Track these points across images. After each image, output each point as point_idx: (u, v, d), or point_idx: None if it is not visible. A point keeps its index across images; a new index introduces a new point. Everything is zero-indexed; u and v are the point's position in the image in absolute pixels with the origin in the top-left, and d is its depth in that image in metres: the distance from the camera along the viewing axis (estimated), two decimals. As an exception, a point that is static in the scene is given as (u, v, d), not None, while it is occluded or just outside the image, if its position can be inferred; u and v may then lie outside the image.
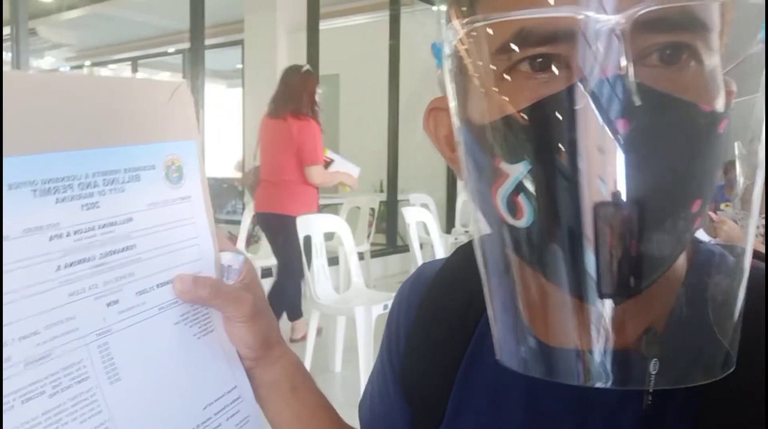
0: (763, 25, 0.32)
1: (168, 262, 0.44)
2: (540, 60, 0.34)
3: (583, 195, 0.31)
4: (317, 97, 3.20)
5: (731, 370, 0.34)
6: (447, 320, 0.47)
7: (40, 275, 0.36)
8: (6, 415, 0.33)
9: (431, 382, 0.50)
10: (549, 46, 0.34)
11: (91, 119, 0.40)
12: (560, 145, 0.32)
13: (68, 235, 0.37)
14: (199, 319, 0.45)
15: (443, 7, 0.38)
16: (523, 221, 0.35)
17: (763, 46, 0.32)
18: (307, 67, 3.39)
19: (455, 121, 0.38)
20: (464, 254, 0.52)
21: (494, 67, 0.36)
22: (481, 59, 0.36)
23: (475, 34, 0.35)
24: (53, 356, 0.36)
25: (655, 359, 0.34)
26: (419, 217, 3.82)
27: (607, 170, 0.31)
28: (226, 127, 7.57)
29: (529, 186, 0.34)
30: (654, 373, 0.34)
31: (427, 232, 3.77)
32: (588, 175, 0.31)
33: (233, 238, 4.39)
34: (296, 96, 3.16)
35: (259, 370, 0.49)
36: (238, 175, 6.97)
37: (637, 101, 0.30)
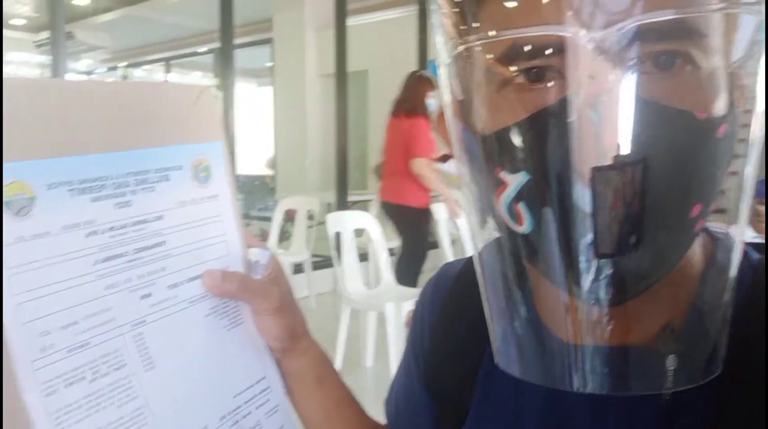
0: (764, 25, 0.31)
1: (197, 258, 0.46)
2: (535, 71, 0.34)
3: (578, 204, 0.32)
4: (429, 99, 3.50)
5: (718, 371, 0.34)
6: (469, 319, 0.47)
7: (79, 269, 0.38)
8: (51, 398, 0.36)
9: (455, 379, 0.51)
10: (542, 59, 0.34)
11: (123, 123, 0.42)
12: (554, 156, 0.33)
13: (103, 231, 0.40)
14: (228, 312, 0.47)
15: (437, 8, 0.38)
16: (524, 228, 0.36)
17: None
18: (424, 72, 3.78)
19: (453, 130, 0.39)
20: (486, 253, 0.53)
21: (491, 81, 0.36)
22: (477, 73, 0.37)
23: (470, 50, 0.36)
24: (92, 344, 0.38)
25: (670, 356, 0.34)
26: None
27: (599, 180, 0.31)
28: (257, 125, 7.65)
29: (528, 195, 0.35)
30: (671, 369, 0.34)
31: (457, 228, 3.75)
32: (581, 184, 0.32)
33: (265, 235, 4.45)
34: (411, 97, 3.54)
35: (286, 361, 0.51)
36: (270, 172, 7.04)
37: (629, 112, 0.31)
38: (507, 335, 0.39)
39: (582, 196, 0.32)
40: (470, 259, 0.55)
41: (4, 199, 0.35)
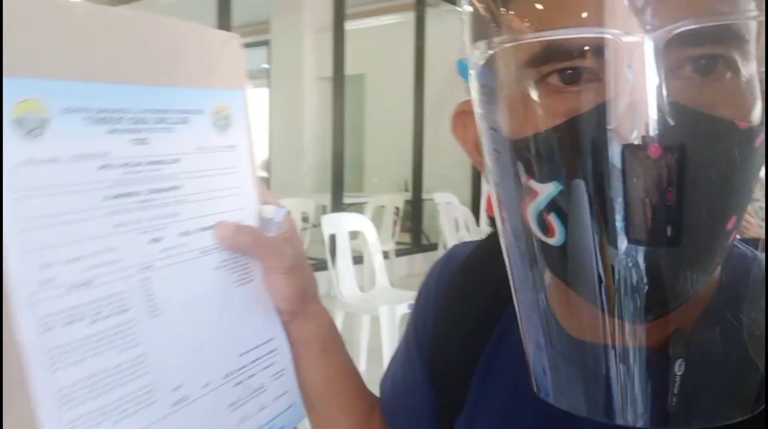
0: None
1: (211, 208, 0.44)
2: (570, 72, 0.33)
3: (614, 219, 0.31)
4: None
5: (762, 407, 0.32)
6: (475, 303, 0.47)
7: (87, 202, 0.36)
8: (46, 335, 0.33)
9: (456, 364, 0.50)
10: (578, 60, 0.33)
11: (147, 56, 0.40)
12: (589, 166, 0.31)
13: (116, 166, 0.38)
14: (238, 268, 0.45)
15: (467, 8, 0.37)
16: (555, 240, 0.34)
17: None
18: None
19: (483, 133, 0.38)
20: (497, 239, 0.52)
21: (522, 82, 0.35)
22: (509, 74, 0.36)
23: (503, 50, 0.35)
24: (95, 284, 0.36)
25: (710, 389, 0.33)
26: (455, 214, 3.80)
27: (638, 193, 0.30)
28: (251, 127, 7.63)
29: (560, 206, 0.33)
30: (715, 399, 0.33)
31: (458, 230, 3.75)
32: (618, 197, 0.30)
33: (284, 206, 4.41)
34: None
35: (293, 326, 0.49)
36: (264, 173, 7.03)
37: (671, 121, 0.29)
38: (538, 358, 0.38)
39: (620, 208, 0.30)
40: (481, 242, 0.54)
41: (15, 115, 0.33)
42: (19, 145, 0.33)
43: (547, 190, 0.33)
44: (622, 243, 0.31)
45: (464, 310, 0.51)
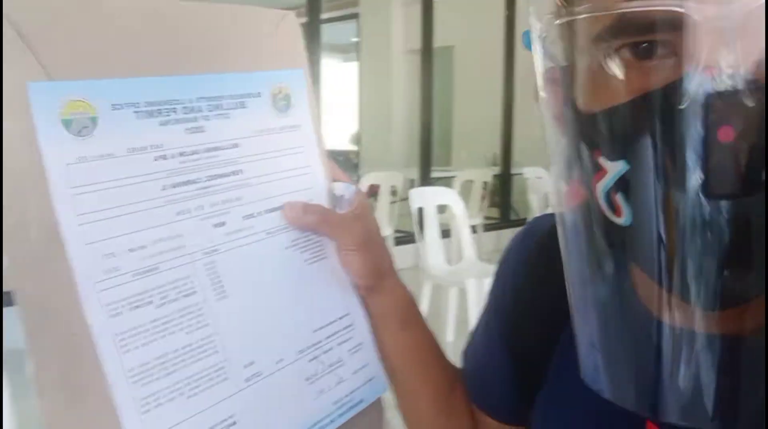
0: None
1: (278, 189, 0.44)
2: (645, 46, 0.31)
3: (687, 200, 0.29)
4: None
5: None
6: (556, 278, 0.43)
7: (146, 193, 0.37)
8: (114, 320, 0.35)
9: (535, 340, 0.49)
10: (655, 34, 0.30)
11: (197, 46, 0.40)
12: (661, 145, 0.29)
13: (173, 156, 0.38)
14: (310, 246, 0.46)
15: None
16: (623, 220, 0.33)
17: None
18: None
19: (550, 108, 0.36)
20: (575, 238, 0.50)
21: (594, 55, 0.33)
22: (579, 46, 0.34)
23: (573, 21, 0.33)
24: (160, 270, 0.37)
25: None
26: (545, 189, 3.70)
27: (714, 175, 0.28)
28: (341, 100, 7.74)
29: (628, 186, 0.32)
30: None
31: (548, 205, 3.67)
32: (693, 179, 0.28)
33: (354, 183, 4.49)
34: None
35: (369, 300, 0.50)
36: (354, 147, 7.13)
37: (750, 101, 0.27)
38: (591, 349, 0.36)
39: (692, 194, 0.28)
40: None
41: (64, 117, 0.34)
42: (70, 144, 0.34)
43: (616, 169, 0.32)
44: (688, 231, 0.29)
45: (544, 287, 0.49)
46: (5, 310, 0.35)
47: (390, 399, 0.53)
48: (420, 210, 3.14)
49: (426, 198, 3.22)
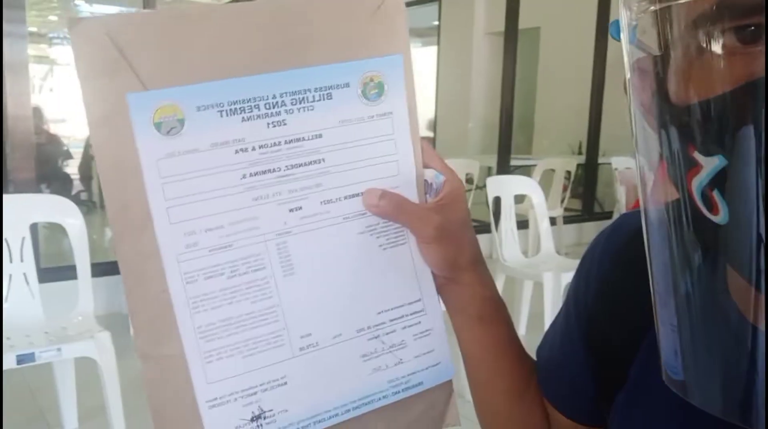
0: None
1: (361, 176, 0.46)
2: (751, 29, 0.29)
3: None
4: None
5: None
6: (642, 278, 0.42)
7: (226, 181, 0.42)
8: (190, 285, 0.42)
9: (618, 340, 0.48)
10: (759, 16, 0.29)
11: (283, 43, 0.43)
12: (760, 140, 0.28)
13: (253, 148, 0.42)
14: (388, 232, 0.48)
15: None
16: (720, 218, 0.31)
17: None
18: None
19: (641, 99, 0.35)
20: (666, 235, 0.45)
21: (691, 41, 0.31)
22: (674, 33, 0.32)
23: (667, 8, 0.32)
24: (234, 247, 0.43)
25: None
26: (636, 180, 3.51)
27: None
28: (419, 86, 7.67)
29: (725, 183, 0.30)
30: None
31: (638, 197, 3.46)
32: None
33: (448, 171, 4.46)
34: None
35: (445, 291, 0.50)
36: (430, 133, 7.04)
37: None
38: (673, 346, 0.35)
39: None
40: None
41: (155, 120, 0.40)
42: (161, 143, 0.40)
43: (713, 164, 0.30)
44: None
45: (630, 286, 0.48)
46: (113, 277, 0.42)
47: (459, 388, 0.54)
48: (497, 199, 3.05)
49: (503, 187, 3.14)
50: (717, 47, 0.30)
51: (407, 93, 0.47)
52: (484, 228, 4.41)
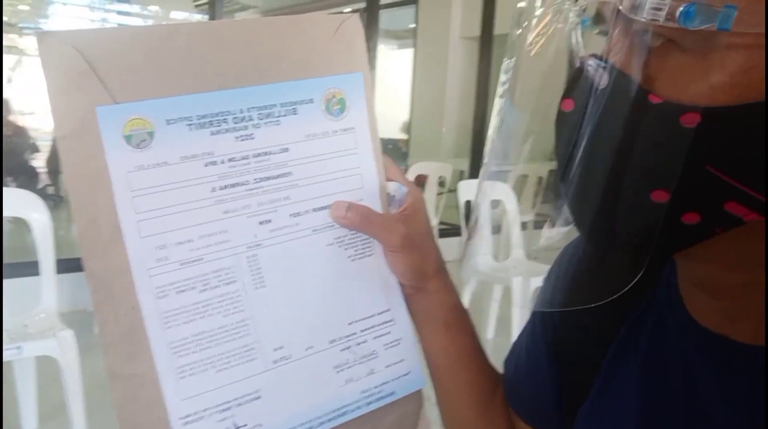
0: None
1: (327, 189, 0.47)
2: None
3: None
4: None
5: None
6: None
7: (196, 195, 0.42)
8: (162, 301, 0.41)
9: (582, 351, 0.49)
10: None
11: (249, 60, 0.44)
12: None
13: (222, 162, 0.43)
14: (356, 244, 0.48)
15: None
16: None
17: None
18: None
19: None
20: None
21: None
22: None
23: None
24: (205, 260, 0.43)
25: None
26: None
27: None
28: (394, 88, 7.67)
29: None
30: None
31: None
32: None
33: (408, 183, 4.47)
34: None
35: (413, 300, 0.51)
36: (404, 136, 7.06)
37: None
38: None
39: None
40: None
41: (125, 133, 0.40)
42: (131, 156, 0.40)
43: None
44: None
45: None
46: (79, 274, 0.41)
47: (432, 396, 0.55)
48: (468, 203, 3.06)
49: (475, 191, 3.13)
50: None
51: (368, 109, 0.49)
52: (454, 231, 4.44)
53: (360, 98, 0.48)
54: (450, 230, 4.53)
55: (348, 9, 8.63)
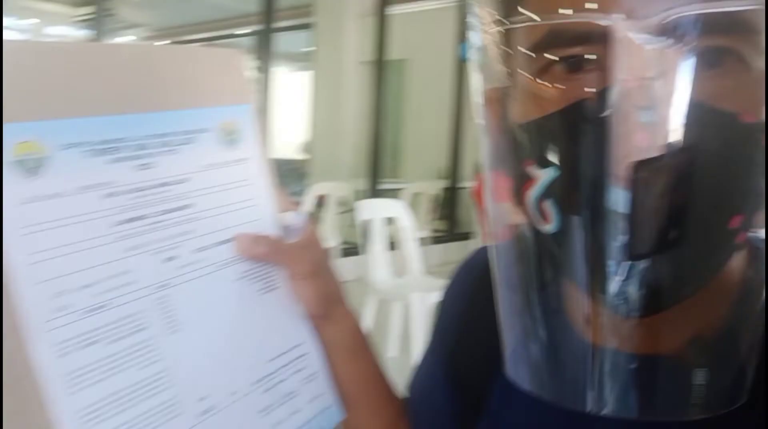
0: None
1: (228, 222, 0.45)
2: (573, 60, 0.33)
3: (609, 205, 0.30)
4: None
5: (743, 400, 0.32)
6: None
7: (95, 231, 0.37)
8: (64, 359, 0.35)
9: (477, 371, 0.49)
10: (581, 47, 0.32)
11: (145, 85, 0.41)
12: (585, 153, 0.31)
13: (121, 193, 0.39)
14: (261, 277, 0.47)
15: None
16: (550, 227, 0.34)
17: None
18: None
19: (484, 118, 0.38)
20: (522, 241, 0.50)
21: (526, 67, 0.35)
22: (512, 58, 0.35)
23: (507, 33, 0.35)
24: (110, 306, 0.37)
25: (699, 375, 0.33)
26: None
27: (632, 182, 0.29)
28: (292, 109, 7.68)
29: (556, 192, 0.33)
30: (699, 391, 0.33)
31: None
32: (613, 185, 0.30)
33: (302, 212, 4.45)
34: None
35: (321, 329, 0.50)
36: (303, 157, 7.06)
37: (668, 111, 0.29)
38: (522, 343, 0.38)
39: (614, 198, 0.30)
40: (506, 245, 0.52)
41: (16, 158, 0.35)
42: (21, 185, 0.35)
43: (544, 176, 0.33)
44: (610, 234, 0.30)
45: (488, 318, 0.48)
46: None
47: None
48: (367, 222, 3.13)
49: (373, 209, 3.21)
50: (547, 73, 0.34)
51: (258, 140, 0.49)
52: (355, 250, 4.50)
53: (251, 129, 0.48)
54: (351, 249, 4.59)
55: (243, 30, 8.56)
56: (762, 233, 0.35)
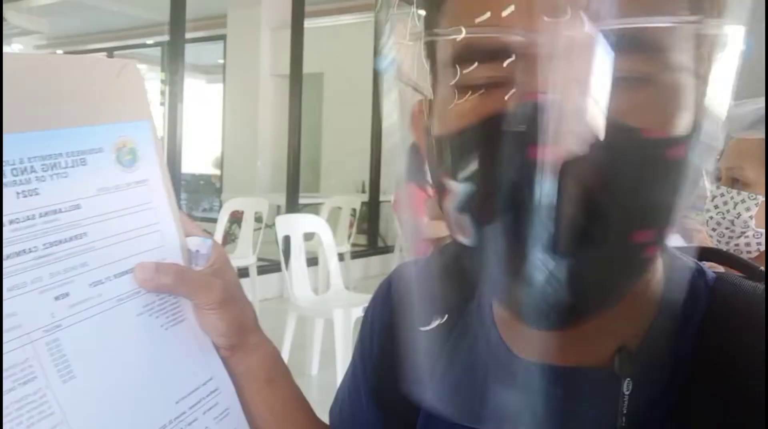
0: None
1: (127, 250, 0.42)
2: (481, 77, 0.33)
3: (513, 220, 0.31)
4: None
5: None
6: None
7: None
8: None
9: (403, 392, 0.48)
10: (491, 63, 0.32)
11: (26, 100, 0.37)
12: (491, 168, 0.31)
13: (3, 224, 0.35)
14: (166, 309, 0.43)
15: (421, 11, 0.37)
16: (468, 240, 0.34)
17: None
18: None
19: (397, 131, 0.38)
20: (444, 255, 0.49)
21: (438, 82, 0.35)
22: (425, 74, 0.36)
23: (412, 49, 0.36)
24: None
25: (625, 382, 0.35)
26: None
27: (535, 196, 0.30)
28: (204, 123, 7.46)
29: (469, 206, 0.34)
30: (625, 395, 0.35)
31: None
32: (520, 199, 0.30)
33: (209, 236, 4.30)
34: None
35: (234, 359, 0.48)
36: (216, 171, 6.86)
37: (572, 126, 0.29)
38: (438, 365, 0.38)
39: (522, 212, 0.30)
40: (427, 261, 0.51)
41: None
42: None
43: (459, 189, 0.34)
44: (521, 248, 0.31)
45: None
46: None
47: None
48: (286, 238, 3.06)
49: (292, 225, 3.16)
50: (456, 89, 0.34)
51: (159, 159, 0.45)
52: (274, 267, 4.39)
53: (150, 147, 0.44)
54: (269, 266, 4.47)
55: (150, 41, 8.25)
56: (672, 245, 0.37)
